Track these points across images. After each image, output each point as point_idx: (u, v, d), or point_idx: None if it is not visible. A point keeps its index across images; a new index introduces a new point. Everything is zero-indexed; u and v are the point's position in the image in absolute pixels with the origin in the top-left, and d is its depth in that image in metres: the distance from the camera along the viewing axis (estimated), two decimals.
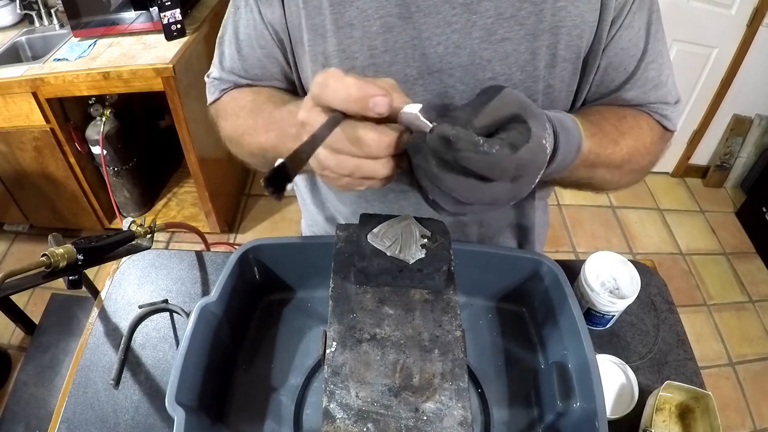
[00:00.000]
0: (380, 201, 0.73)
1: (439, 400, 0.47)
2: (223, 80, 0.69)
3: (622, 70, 0.61)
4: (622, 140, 0.58)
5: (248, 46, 0.65)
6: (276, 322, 0.72)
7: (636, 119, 0.62)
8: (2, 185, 2.02)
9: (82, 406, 0.68)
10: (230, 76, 0.68)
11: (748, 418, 1.80)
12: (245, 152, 0.67)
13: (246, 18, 0.64)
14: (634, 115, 0.63)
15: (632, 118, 0.62)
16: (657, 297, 0.82)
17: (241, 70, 0.67)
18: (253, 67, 0.66)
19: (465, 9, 0.55)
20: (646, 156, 0.62)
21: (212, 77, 0.71)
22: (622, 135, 0.59)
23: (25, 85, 1.65)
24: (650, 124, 0.64)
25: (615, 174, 0.60)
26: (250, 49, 0.65)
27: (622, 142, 0.58)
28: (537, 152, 0.40)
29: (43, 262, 0.63)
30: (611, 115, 0.61)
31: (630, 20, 0.58)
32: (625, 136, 0.59)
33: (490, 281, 0.72)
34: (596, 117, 0.59)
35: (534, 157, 0.39)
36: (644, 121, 0.63)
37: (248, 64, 0.66)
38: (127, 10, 1.75)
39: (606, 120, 0.59)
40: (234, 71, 0.68)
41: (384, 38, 0.57)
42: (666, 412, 0.69)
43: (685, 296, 2.16)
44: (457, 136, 0.38)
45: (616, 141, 0.58)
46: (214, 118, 0.71)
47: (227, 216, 2.28)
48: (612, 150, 0.57)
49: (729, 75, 2.33)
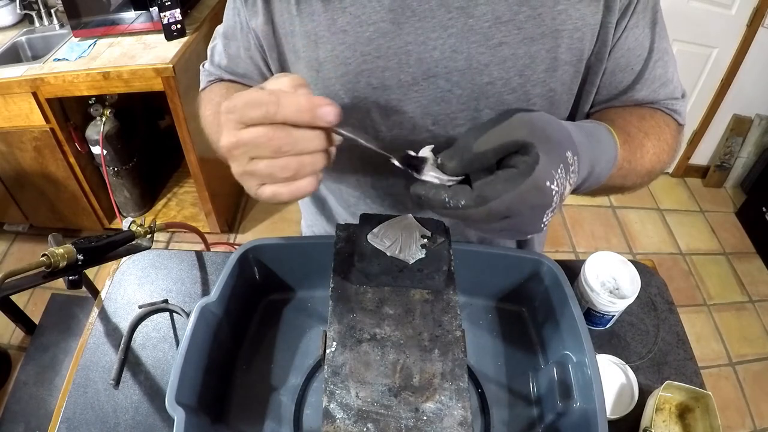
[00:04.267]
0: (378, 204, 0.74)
1: (439, 400, 0.47)
2: (211, 73, 0.72)
3: (629, 71, 0.61)
4: (647, 141, 0.58)
5: (235, 47, 0.67)
6: (276, 322, 0.72)
7: (654, 118, 0.62)
8: (2, 185, 2.02)
9: (82, 406, 0.68)
10: (217, 70, 0.71)
11: (748, 418, 1.80)
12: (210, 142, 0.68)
13: (234, 20, 0.65)
14: (651, 113, 0.63)
15: (650, 118, 0.62)
16: (657, 297, 0.82)
17: (227, 66, 0.70)
18: (237, 66, 0.69)
19: (461, 13, 0.55)
20: (669, 152, 0.62)
21: (205, 67, 0.74)
22: (647, 136, 0.59)
23: (25, 85, 1.65)
24: (666, 121, 0.64)
25: (644, 177, 0.60)
26: (236, 50, 0.67)
27: (647, 143, 0.58)
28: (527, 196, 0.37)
29: (43, 262, 0.63)
30: (632, 117, 0.61)
31: (635, 21, 0.58)
32: (650, 137, 0.59)
33: (490, 281, 0.72)
34: (621, 121, 0.59)
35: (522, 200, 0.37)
36: (661, 119, 0.63)
37: (233, 63, 0.69)
38: (127, 10, 1.75)
39: (630, 123, 0.59)
40: (221, 66, 0.70)
41: (377, 44, 0.57)
42: (666, 412, 0.69)
43: (685, 296, 2.16)
44: (425, 197, 0.40)
45: (643, 143, 0.58)
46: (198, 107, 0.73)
47: (227, 216, 2.28)
48: (641, 154, 0.57)
49: (729, 75, 2.33)
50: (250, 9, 0.61)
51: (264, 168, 0.40)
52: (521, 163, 0.38)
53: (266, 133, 0.39)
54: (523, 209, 0.38)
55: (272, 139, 0.39)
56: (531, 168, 0.37)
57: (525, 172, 0.37)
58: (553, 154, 0.38)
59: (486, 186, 0.38)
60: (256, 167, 0.41)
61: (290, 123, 0.39)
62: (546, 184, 0.37)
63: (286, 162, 0.40)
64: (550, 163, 0.38)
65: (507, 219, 0.39)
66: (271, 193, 0.42)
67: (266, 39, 0.62)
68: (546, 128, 0.39)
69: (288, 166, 0.40)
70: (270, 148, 0.40)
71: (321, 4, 0.57)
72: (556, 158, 0.38)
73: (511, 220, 0.39)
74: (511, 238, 0.43)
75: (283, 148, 0.40)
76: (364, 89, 0.59)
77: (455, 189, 0.40)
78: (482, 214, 0.38)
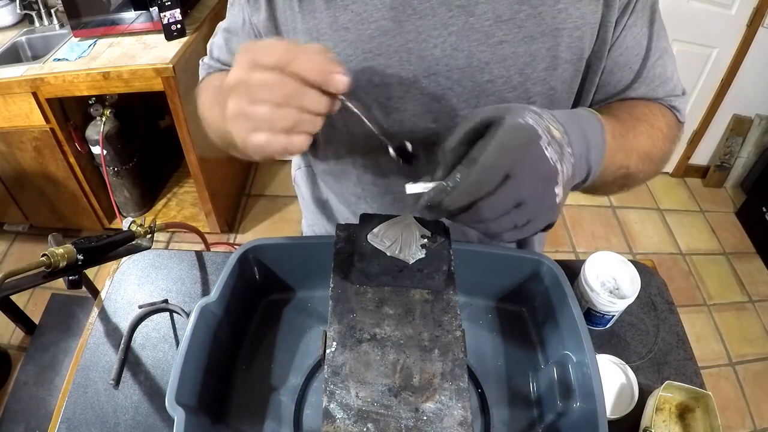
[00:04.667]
0: (379, 202, 0.74)
1: (439, 400, 0.47)
2: (211, 66, 0.72)
3: (627, 69, 0.62)
4: (639, 125, 0.58)
5: (236, 42, 0.67)
6: (276, 322, 0.72)
7: (647, 106, 0.62)
8: (2, 185, 2.02)
9: (82, 406, 0.68)
10: (217, 64, 0.71)
11: (748, 418, 1.80)
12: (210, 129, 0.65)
13: (236, 15, 0.65)
14: (645, 103, 0.63)
15: (643, 106, 0.62)
16: (657, 297, 0.82)
17: (227, 61, 0.70)
18: None
19: (462, 11, 0.55)
20: (665, 140, 0.62)
21: (204, 61, 0.74)
22: (638, 120, 0.59)
23: (25, 85, 1.65)
24: (662, 111, 0.64)
25: (646, 162, 0.59)
26: (236, 45, 0.67)
27: (639, 126, 0.58)
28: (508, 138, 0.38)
29: (43, 262, 0.63)
30: (622, 106, 0.61)
31: (634, 19, 0.58)
32: (641, 121, 0.59)
33: (490, 281, 0.72)
34: (607, 109, 0.59)
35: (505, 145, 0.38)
36: (655, 108, 0.63)
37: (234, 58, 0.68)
38: (127, 10, 1.75)
39: (617, 109, 0.60)
40: (220, 60, 0.70)
41: (378, 41, 0.57)
42: (666, 412, 0.69)
43: (685, 296, 2.16)
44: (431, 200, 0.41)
45: (635, 126, 0.58)
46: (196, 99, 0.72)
47: (227, 216, 2.28)
48: (633, 134, 0.57)
49: (729, 75, 2.33)
50: (252, 5, 0.61)
51: (264, 112, 0.40)
52: (492, 129, 0.40)
53: (278, 79, 0.39)
54: (514, 151, 0.39)
55: (282, 86, 0.39)
56: (500, 122, 0.39)
57: (496, 127, 0.39)
58: (514, 110, 0.40)
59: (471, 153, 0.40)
60: (256, 110, 0.40)
61: (300, 78, 0.40)
62: (519, 122, 0.39)
63: (287, 112, 0.40)
64: (515, 114, 0.40)
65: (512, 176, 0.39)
66: (263, 141, 0.41)
67: (268, 35, 0.62)
68: (500, 105, 0.42)
69: (288, 116, 0.40)
70: (276, 94, 0.39)
71: (323, 2, 0.57)
72: (519, 110, 0.40)
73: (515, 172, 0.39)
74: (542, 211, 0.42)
75: (288, 98, 0.40)
76: (365, 86, 0.59)
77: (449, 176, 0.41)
78: (479, 172, 0.38)
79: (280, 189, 2.50)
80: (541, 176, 0.40)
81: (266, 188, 2.51)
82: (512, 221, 0.41)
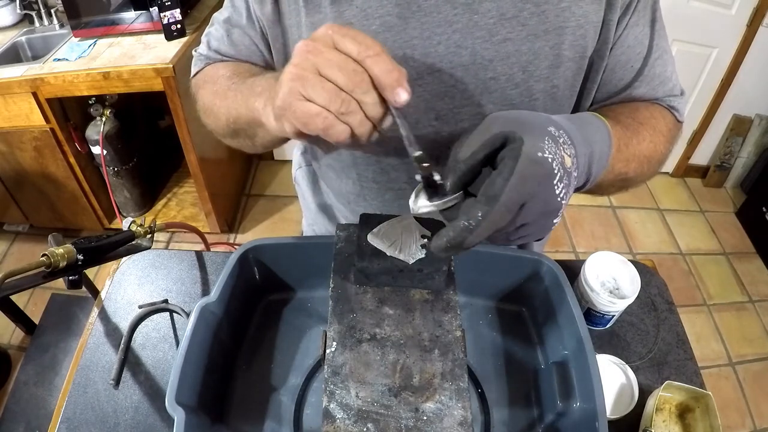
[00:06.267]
0: (379, 200, 0.74)
1: (439, 400, 0.47)
2: (209, 57, 0.71)
3: (629, 68, 0.62)
4: (642, 129, 0.59)
5: (238, 33, 0.67)
6: (276, 322, 0.72)
7: (648, 109, 0.63)
8: (2, 185, 2.02)
9: (82, 406, 0.68)
10: (215, 55, 0.70)
11: (748, 418, 1.80)
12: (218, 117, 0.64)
13: (239, 6, 0.65)
14: (646, 106, 0.64)
15: (645, 109, 0.63)
16: (657, 297, 0.82)
17: (227, 52, 0.69)
18: (239, 53, 0.68)
19: (466, 9, 0.55)
20: (665, 143, 0.63)
21: (199, 52, 0.72)
22: (642, 124, 0.60)
23: (25, 85, 1.65)
24: (662, 113, 0.64)
25: (645, 165, 0.60)
26: (239, 36, 0.67)
27: (643, 131, 0.59)
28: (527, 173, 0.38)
29: (43, 262, 0.63)
30: (625, 110, 0.62)
31: (636, 19, 0.59)
32: (644, 125, 0.60)
33: (490, 281, 0.72)
34: (612, 113, 0.60)
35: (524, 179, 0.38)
36: (656, 110, 0.64)
37: (236, 50, 0.68)
38: (127, 10, 1.75)
39: (622, 114, 0.60)
40: (219, 51, 0.69)
41: (383, 37, 0.57)
42: (666, 412, 0.69)
43: (685, 296, 2.16)
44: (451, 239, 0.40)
45: (638, 130, 0.58)
46: (194, 90, 0.72)
47: (227, 216, 2.28)
48: (637, 140, 0.58)
49: (729, 75, 2.33)
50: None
51: (327, 89, 0.40)
52: (509, 152, 0.39)
53: (355, 66, 0.40)
54: (531, 187, 0.39)
55: (356, 75, 0.39)
56: (518, 148, 0.39)
57: (514, 155, 0.39)
58: (534, 132, 0.40)
59: (488, 186, 0.39)
60: (320, 82, 0.40)
61: (372, 75, 0.40)
62: (539, 155, 0.39)
63: (349, 99, 0.40)
64: (534, 138, 0.39)
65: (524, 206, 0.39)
66: (312, 113, 0.40)
67: (271, 28, 0.62)
68: (519, 117, 0.42)
69: (347, 103, 0.40)
70: (347, 79, 0.39)
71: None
72: (538, 133, 0.40)
73: (527, 205, 0.39)
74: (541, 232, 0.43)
75: (357, 88, 0.40)
76: None
77: (464, 209, 0.41)
78: (500, 211, 0.38)
79: (280, 189, 2.50)
80: (547, 211, 0.41)
81: (266, 188, 2.51)
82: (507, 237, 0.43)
